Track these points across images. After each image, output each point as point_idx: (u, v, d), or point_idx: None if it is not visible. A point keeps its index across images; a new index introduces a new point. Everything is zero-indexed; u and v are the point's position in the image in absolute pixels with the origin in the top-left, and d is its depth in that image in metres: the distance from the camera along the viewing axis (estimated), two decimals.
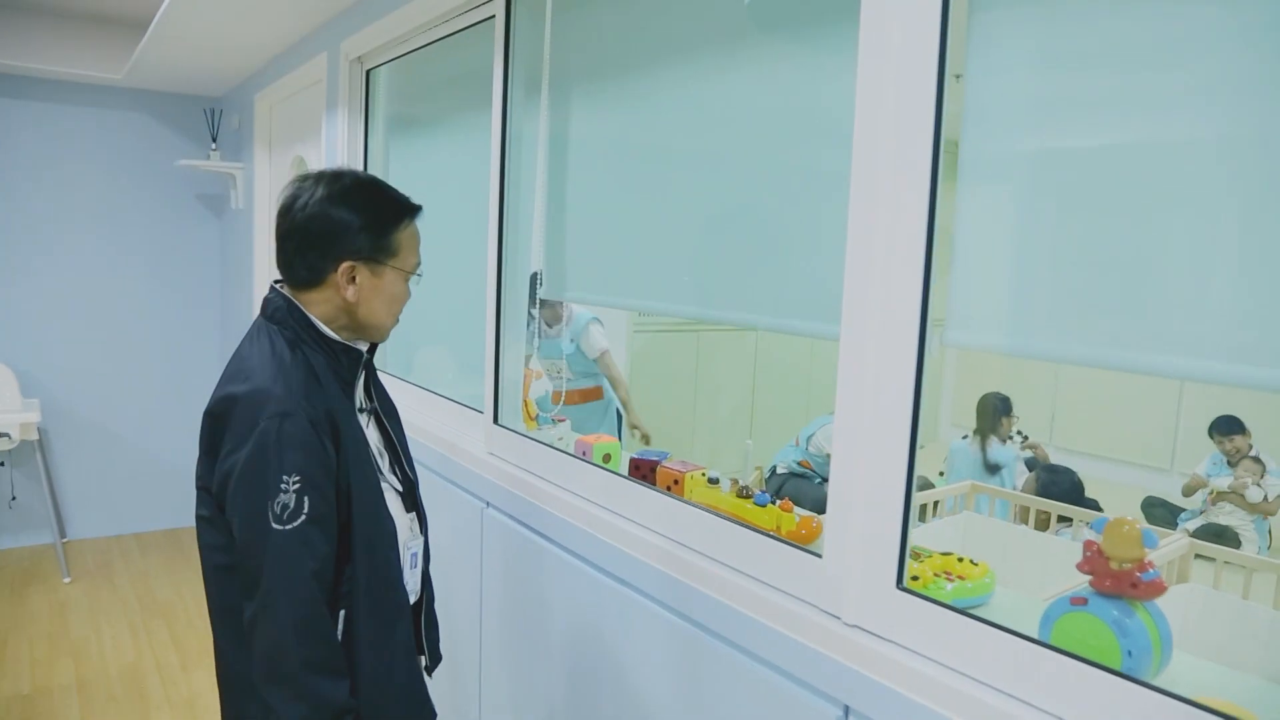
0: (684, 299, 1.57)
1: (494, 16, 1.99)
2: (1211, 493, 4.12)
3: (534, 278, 1.93)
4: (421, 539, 1.47)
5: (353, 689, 1.26)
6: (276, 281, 1.33)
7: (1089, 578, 0.99)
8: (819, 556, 1.18)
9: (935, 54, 1.00)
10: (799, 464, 3.86)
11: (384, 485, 1.36)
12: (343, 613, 1.26)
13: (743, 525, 1.36)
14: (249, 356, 1.25)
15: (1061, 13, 0.95)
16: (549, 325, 3.60)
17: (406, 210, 1.32)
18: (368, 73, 2.80)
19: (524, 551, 1.84)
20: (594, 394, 3.71)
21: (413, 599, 1.43)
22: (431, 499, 2.06)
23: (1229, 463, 4.16)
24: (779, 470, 3.92)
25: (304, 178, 1.30)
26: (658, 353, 4.63)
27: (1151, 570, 0.94)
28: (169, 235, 4.72)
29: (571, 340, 3.61)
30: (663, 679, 1.44)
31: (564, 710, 1.73)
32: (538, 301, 2.00)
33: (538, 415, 2.16)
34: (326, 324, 1.29)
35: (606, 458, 1.78)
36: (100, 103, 4.44)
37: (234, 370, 1.25)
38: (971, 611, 1.03)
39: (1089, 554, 0.97)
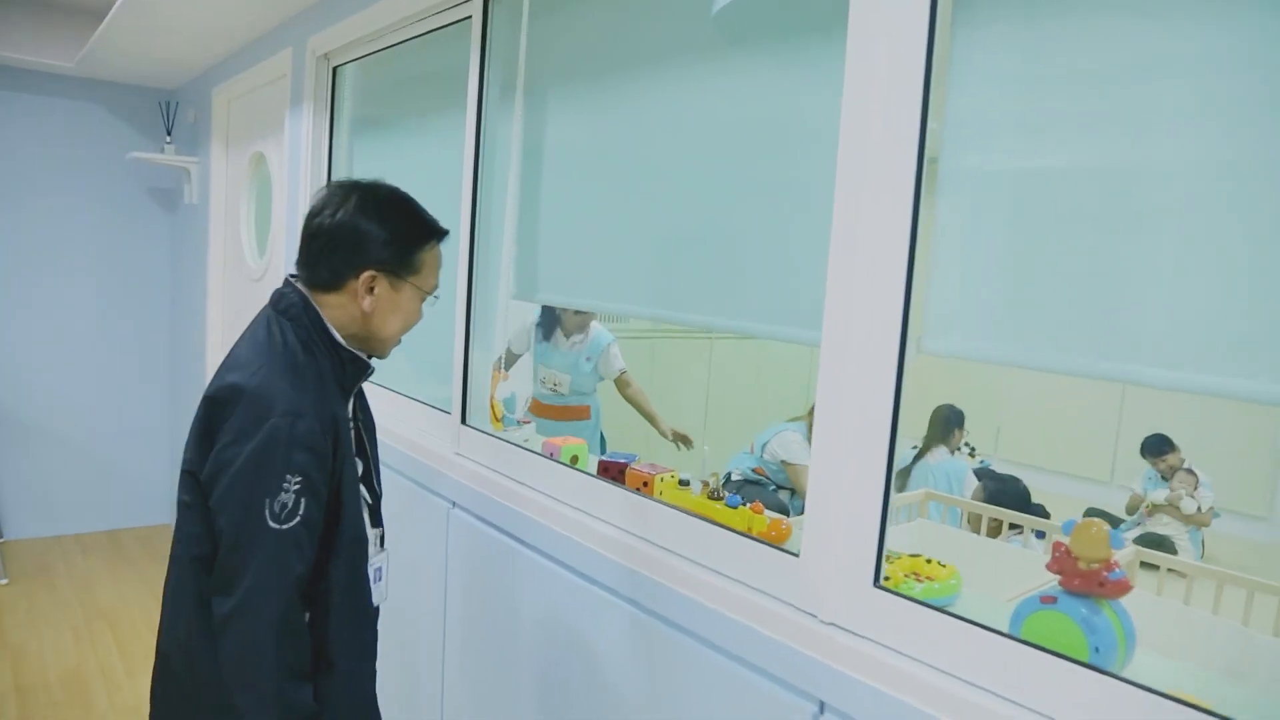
0: (657, 303, 1.59)
1: (470, 17, 1.99)
2: (1148, 505, 4.27)
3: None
4: (383, 554, 1.47)
5: (325, 690, 1.26)
6: (292, 275, 1.33)
7: (1056, 578, 1.03)
8: (795, 556, 1.21)
9: (921, 70, 1.04)
10: (754, 471, 3.90)
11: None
12: (308, 615, 1.25)
13: (717, 526, 1.37)
14: (258, 347, 1.24)
15: (1041, 35, 0.99)
16: (566, 335, 3.57)
17: (434, 232, 1.35)
18: (335, 70, 2.77)
19: (491, 552, 1.83)
20: (579, 413, 3.67)
21: None
22: (396, 500, 2.04)
23: (1163, 478, 4.31)
24: (734, 477, 3.95)
25: (339, 184, 1.32)
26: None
27: (1117, 570, 0.98)
28: (117, 229, 4.58)
29: (589, 359, 3.59)
30: (635, 678, 1.45)
31: (531, 713, 1.72)
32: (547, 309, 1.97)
33: (504, 416, 2.16)
34: (338, 329, 1.30)
35: (574, 459, 1.79)
36: (49, 91, 4.31)
37: (242, 359, 1.24)
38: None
39: (1058, 554, 1.01)
